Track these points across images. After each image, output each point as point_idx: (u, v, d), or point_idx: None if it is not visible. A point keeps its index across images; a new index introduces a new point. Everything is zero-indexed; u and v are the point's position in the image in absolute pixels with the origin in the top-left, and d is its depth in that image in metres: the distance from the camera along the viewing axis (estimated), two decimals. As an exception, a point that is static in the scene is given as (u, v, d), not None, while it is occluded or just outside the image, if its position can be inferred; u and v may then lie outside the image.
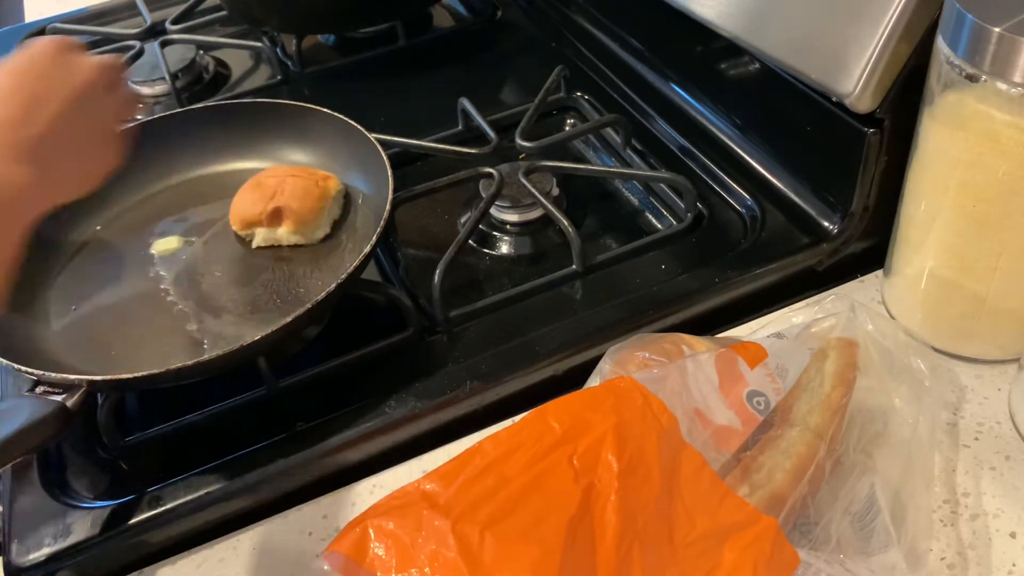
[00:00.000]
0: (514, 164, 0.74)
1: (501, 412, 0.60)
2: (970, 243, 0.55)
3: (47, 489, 0.57)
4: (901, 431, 0.52)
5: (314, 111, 0.75)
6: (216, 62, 1.03)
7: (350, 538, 0.42)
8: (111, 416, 0.59)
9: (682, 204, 0.73)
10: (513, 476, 0.43)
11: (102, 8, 1.13)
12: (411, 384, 0.60)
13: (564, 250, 0.69)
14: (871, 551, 0.46)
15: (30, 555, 0.53)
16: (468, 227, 0.68)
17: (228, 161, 0.78)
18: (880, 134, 0.61)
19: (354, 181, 0.73)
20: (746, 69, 0.73)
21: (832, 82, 0.59)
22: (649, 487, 0.43)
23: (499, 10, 1.05)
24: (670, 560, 0.42)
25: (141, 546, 0.55)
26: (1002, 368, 0.60)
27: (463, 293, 0.68)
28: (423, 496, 0.43)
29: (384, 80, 0.96)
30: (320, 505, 0.57)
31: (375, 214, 0.67)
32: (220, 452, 0.58)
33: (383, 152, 0.69)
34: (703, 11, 0.69)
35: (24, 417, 0.51)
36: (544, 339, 0.62)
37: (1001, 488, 0.54)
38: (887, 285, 0.65)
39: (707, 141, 0.77)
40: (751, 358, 0.51)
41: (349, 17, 0.98)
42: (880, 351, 0.54)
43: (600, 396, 0.46)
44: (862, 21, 0.57)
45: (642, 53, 0.87)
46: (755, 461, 0.47)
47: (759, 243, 0.68)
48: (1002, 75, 0.48)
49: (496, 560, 0.40)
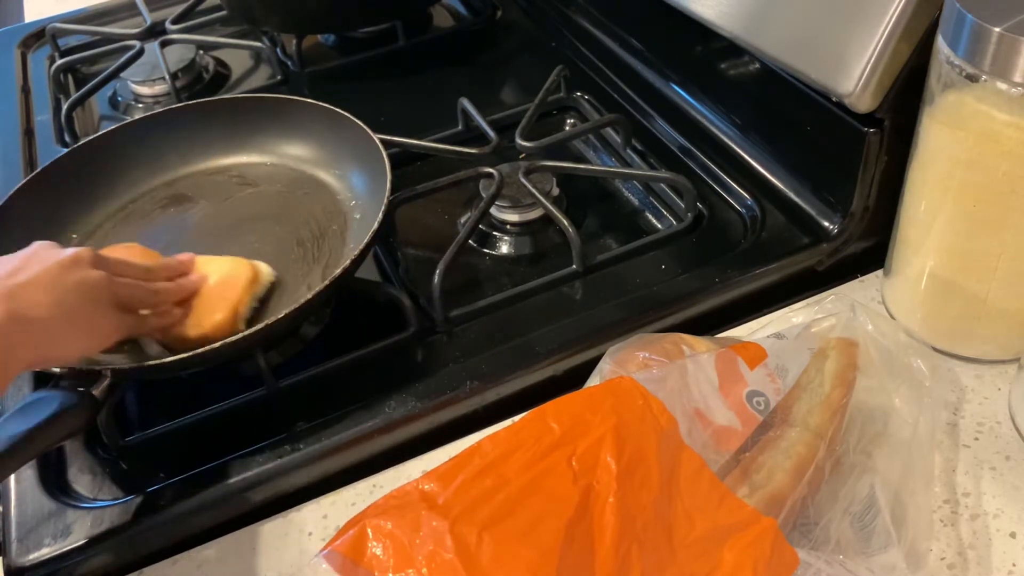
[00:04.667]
0: (514, 164, 0.74)
1: (501, 412, 0.60)
2: (970, 243, 0.55)
3: (47, 489, 0.57)
4: (901, 431, 0.52)
5: (315, 106, 0.75)
6: (216, 62, 1.03)
7: (348, 537, 0.42)
8: (111, 416, 0.59)
9: (682, 204, 0.73)
10: (512, 477, 0.43)
11: (102, 8, 1.13)
12: (411, 384, 0.60)
13: (564, 250, 0.69)
14: (871, 551, 0.46)
15: (30, 555, 0.53)
16: (468, 227, 0.68)
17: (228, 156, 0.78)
18: (880, 134, 0.61)
19: (353, 179, 0.73)
20: (746, 69, 0.73)
21: (832, 82, 0.59)
22: (648, 488, 0.43)
23: (499, 10, 1.05)
24: (669, 561, 0.42)
25: (141, 546, 0.55)
26: (1002, 368, 0.60)
27: (463, 293, 0.68)
28: (422, 496, 0.43)
29: (384, 80, 0.96)
30: (320, 505, 0.57)
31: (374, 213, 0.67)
32: (220, 452, 0.58)
33: (383, 149, 0.69)
34: (703, 11, 0.69)
35: (53, 407, 0.52)
36: (544, 339, 0.62)
37: (1001, 488, 0.54)
38: (887, 285, 0.65)
39: (707, 141, 0.77)
40: (751, 358, 0.51)
41: (349, 17, 0.98)
42: (880, 351, 0.54)
43: (599, 397, 0.46)
44: (862, 21, 0.57)
45: (642, 53, 0.87)
46: (755, 461, 0.47)
47: (759, 243, 0.68)
48: (1002, 75, 0.48)
49: (494, 561, 0.40)
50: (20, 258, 0.52)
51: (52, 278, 0.51)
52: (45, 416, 0.51)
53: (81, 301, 0.52)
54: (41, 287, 0.50)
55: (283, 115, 0.77)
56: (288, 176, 0.76)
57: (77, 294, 0.52)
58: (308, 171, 0.76)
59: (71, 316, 0.51)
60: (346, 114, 0.73)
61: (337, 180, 0.74)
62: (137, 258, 0.62)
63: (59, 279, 0.51)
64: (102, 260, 0.56)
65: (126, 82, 0.98)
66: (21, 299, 0.49)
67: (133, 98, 0.98)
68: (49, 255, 0.53)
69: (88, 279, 0.53)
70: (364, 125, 0.72)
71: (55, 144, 0.91)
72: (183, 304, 0.61)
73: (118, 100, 0.99)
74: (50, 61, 1.06)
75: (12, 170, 0.87)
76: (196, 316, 0.61)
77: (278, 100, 0.77)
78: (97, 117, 0.98)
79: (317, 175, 0.75)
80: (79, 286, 0.52)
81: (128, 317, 0.56)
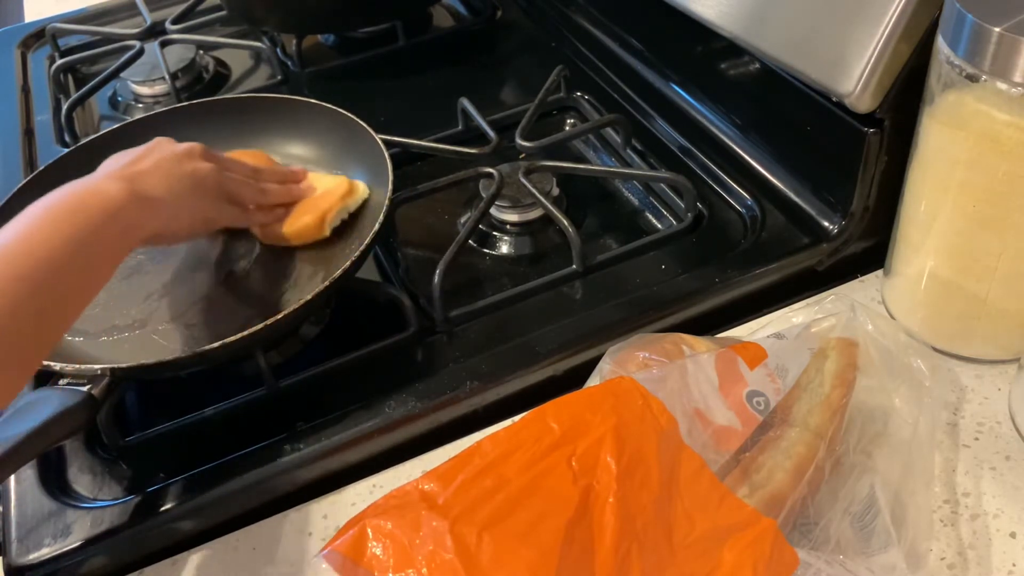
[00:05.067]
0: (514, 164, 0.74)
1: (501, 412, 0.60)
2: (970, 243, 0.55)
3: (47, 489, 0.57)
4: (901, 431, 0.52)
5: (317, 106, 0.75)
6: (216, 62, 1.03)
7: (348, 537, 0.42)
8: (111, 416, 0.59)
9: (682, 204, 0.73)
10: (512, 477, 0.43)
11: (102, 8, 1.13)
12: (411, 384, 0.60)
13: (564, 250, 0.69)
14: (871, 551, 0.46)
15: (30, 555, 0.53)
16: (468, 227, 0.68)
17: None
18: (880, 134, 0.61)
19: (355, 178, 0.73)
20: (746, 69, 0.73)
21: (832, 82, 0.59)
22: (648, 488, 0.43)
23: (499, 10, 1.05)
24: (669, 561, 0.42)
25: (141, 546, 0.55)
26: (1002, 368, 0.60)
27: (463, 293, 0.68)
28: (421, 496, 0.43)
29: (384, 80, 0.96)
30: (320, 505, 0.57)
31: (374, 213, 0.67)
32: (220, 452, 0.58)
33: (385, 150, 0.69)
34: (703, 11, 0.69)
35: (53, 408, 0.52)
36: (544, 339, 0.62)
37: (1001, 488, 0.54)
38: (887, 285, 0.65)
39: (707, 141, 0.77)
40: (751, 358, 0.51)
41: (349, 17, 0.98)
42: (880, 351, 0.54)
43: (599, 397, 0.46)
44: (862, 21, 0.57)
45: (642, 53, 0.87)
46: (755, 461, 0.47)
47: (759, 243, 0.68)
48: (1002, 75, 0.48)
49: (493, 561, 0.40)
50: (142, 149, 0.61)
51: (168, 167, 0.60)
52: (45, 416, 0.51)
53: (190, 188, 0.60)
54: (158, 174, 0.59)
55: (284, 115, 0.77)
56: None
57: (187, 182, 0.60)
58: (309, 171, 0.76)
59: (181, 200, 0.59)
60: (348, 114, 0.73)
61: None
62: (258, 162, 0.71)
63: (173, 168, 0.60)
64: (212, 155, 0.64)
65: (126, 82, 0.98)
66: (141, 183, 0.57)
67: (133, 98, 0.98)
68: (166, 148, 0.61)
69: (199, 170, 0.61)
70: (366, 125, 0.72)
71: (55, 144, 0.91)
72: (287, 207, 0.69)
73: (118, 100, 0.99)
74: (50, 61, 1.06)
75: (12, 170, 0.87)
76: (292, 218, 0.68)
77: (279, 100, 0.77)
78: (97, 117, 0.98)
79: (318, 175, 0.75)
80: (190, 175, 0.61)
81: (232, 208, 0.65)
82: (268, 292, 0.67)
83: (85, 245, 0.51)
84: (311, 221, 0.68)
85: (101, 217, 0.53)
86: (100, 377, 0.55)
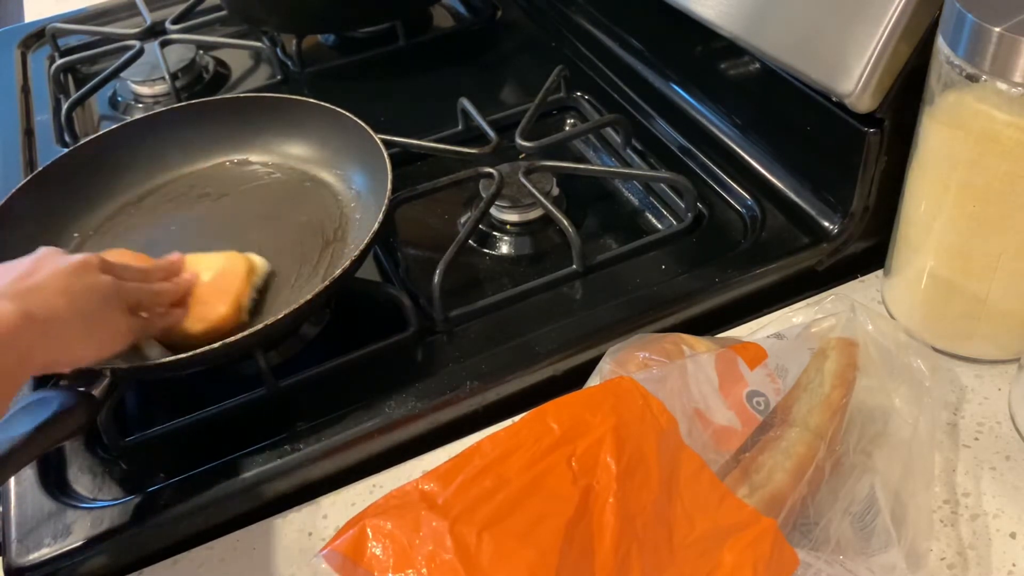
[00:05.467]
0: (514, 164, 0.74)
1: (501, 412, 0.60)
2: (970, 243, 0.55)
3: (47, 489, 0.57)
4: (901, 431, 0.52)
5: (316, 106, 0.75)
6: (216, 62, 1.03)
7: (348, 537, 0.42)
8: (111, 416, 0.59)
9: (682, 204, 0.73)
10: (512, 477, 0.43)
11: (102, 8, 1.13)
12: (411, 384, 0.60)
13: (564, 250, 0.69)
14: (871, 551, 0.46)
15: (30, 555, 0.53)
16: (468, 227, 0.68)
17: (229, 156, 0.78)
18: (880, 134, 0.61)
19: (354, 179, 0.73)
20: (746, 69, 0.73)
21: (832, 82, 0.59)
22: (648, 489, 0.43)
23: (499, 10, 1.05)
24: (669, 562, 0.42)
25: (141, 546, 0.55)
26: (1002, 368, 0.60)
27: (463, 293, 0.68)
28: (421, 496, 0.43)
29: (384, 80, 0.96)
30: (320, 505, 0.57)
31: (374, 213, 0.67)
32: (220, 452, 0.58)
33: (384, 149, 0.69)
34: (703, 11, 0.69)
35: (53, 408, 0.51)
36: (544, 339, 0.62)
37: (1001, 488, 0.54)
38: (887, 285, 0.65)
39: (707, 141, 0.77)
40: (751, 358, 0.51)
41: (349, 17, 0.98)
42: (880, 351, 0.54)
43: (599, 397, 0.46)
44: (862, 21, 0.57)
45: (642, 53, 0.87)
46: (755, 461, 0.47)
47: (759, 243, 0.68)
48: (1002, 75, 0.48)
49: (493, 562, 0.40)
50: (29, 262, 0.52)
51: (64, 282, 0.51)
52: (45, 416, 0.51)
53: (95, 305, 0.53)
54: (54, 291, 0.50)
55: (284, 115, 0.77)
56: (289, 175, 0.76)
57: (90, 298, 0.52)
58: (309, 171, 0.76)
59: (87, 319, 0.52)
60: (348, 114, 0.73)
61: (338, 180, 0.74)
62: (128, 260, 0.61)
63: (71, 283, 0.52)
64: (108, 265, 0.56)
65: (126, 82, 0.98)
66: (34, 301, 0.49)
67: (133, 98, 0.98)
68: (58, 260, 0.53)
69: (99, 283, 0.53)
70: (365, 125, 0.72)
71: (55, 144, 0.91)
72: (180, 303, 0.61)
73: (118, 100, 0.99)
74: (50, 61, 1.05)
75: (12, 170, 0.87)
76: (199, 312, 0.61)
77: (279, 100, 0.77)
78: (97, 117, 0.98)
79: (318, 175, 0.75)
80: (91, 290, 0.53)
81: (136, 320, 0.57)
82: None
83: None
84: (226, 311, 0.61)
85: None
86: (100, 377, 0.55)
